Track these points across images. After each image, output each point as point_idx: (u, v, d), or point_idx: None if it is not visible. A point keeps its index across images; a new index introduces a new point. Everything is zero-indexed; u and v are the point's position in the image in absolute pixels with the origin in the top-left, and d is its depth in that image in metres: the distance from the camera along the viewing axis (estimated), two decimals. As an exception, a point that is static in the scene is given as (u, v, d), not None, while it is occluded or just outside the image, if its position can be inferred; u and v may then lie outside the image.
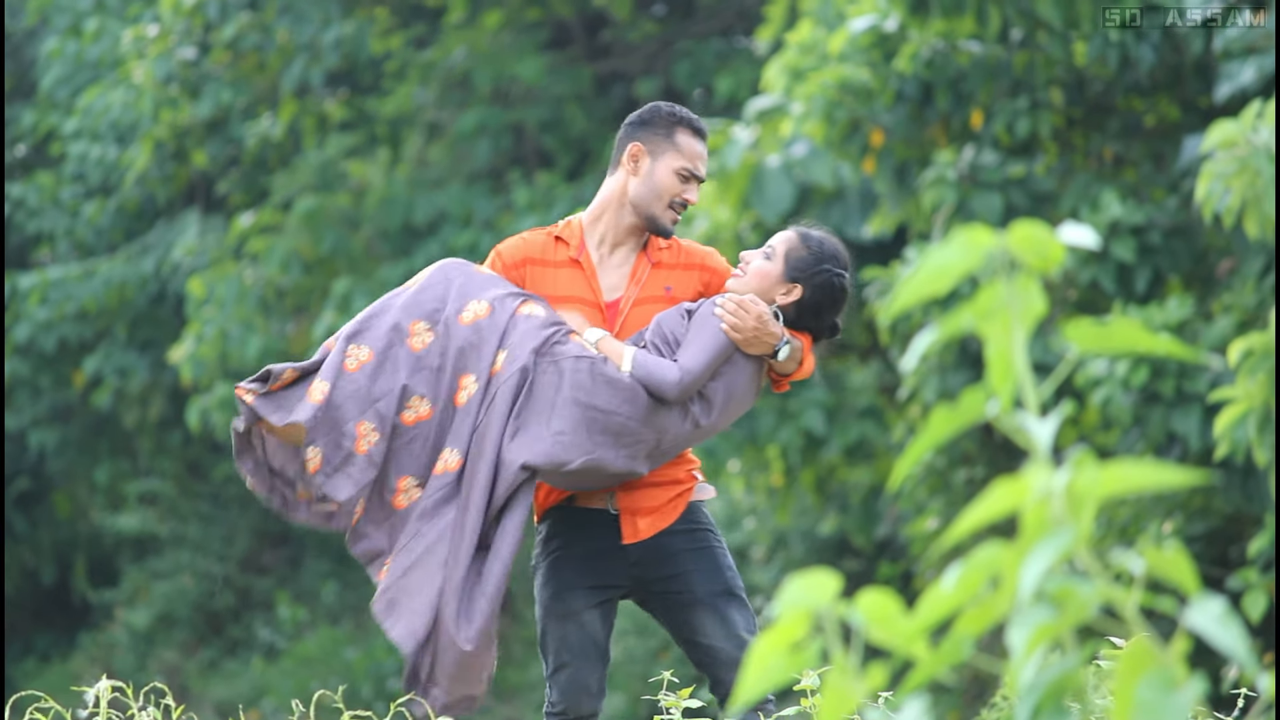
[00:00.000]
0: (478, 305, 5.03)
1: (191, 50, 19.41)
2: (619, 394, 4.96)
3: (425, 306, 5.05)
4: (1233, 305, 10.16)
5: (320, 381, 4.95)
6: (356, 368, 4.96)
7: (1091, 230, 2.66)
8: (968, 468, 12.29)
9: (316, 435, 4.91)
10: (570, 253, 5.21)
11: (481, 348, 4.99)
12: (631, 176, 5.20)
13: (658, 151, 5.18)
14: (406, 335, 5.00)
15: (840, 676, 2.16)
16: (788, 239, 5.14)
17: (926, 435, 2.16)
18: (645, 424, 4.98)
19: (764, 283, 5.09)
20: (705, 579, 5.15)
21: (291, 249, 18.91)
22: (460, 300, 5.04)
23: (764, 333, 5.02)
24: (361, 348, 4.98)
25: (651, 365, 4.98)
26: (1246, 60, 10.02)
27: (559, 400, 4.94)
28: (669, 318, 5.09)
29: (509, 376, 4.95)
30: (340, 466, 4.92)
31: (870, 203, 12.96)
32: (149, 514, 21.77)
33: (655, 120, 5.22)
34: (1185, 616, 2.02)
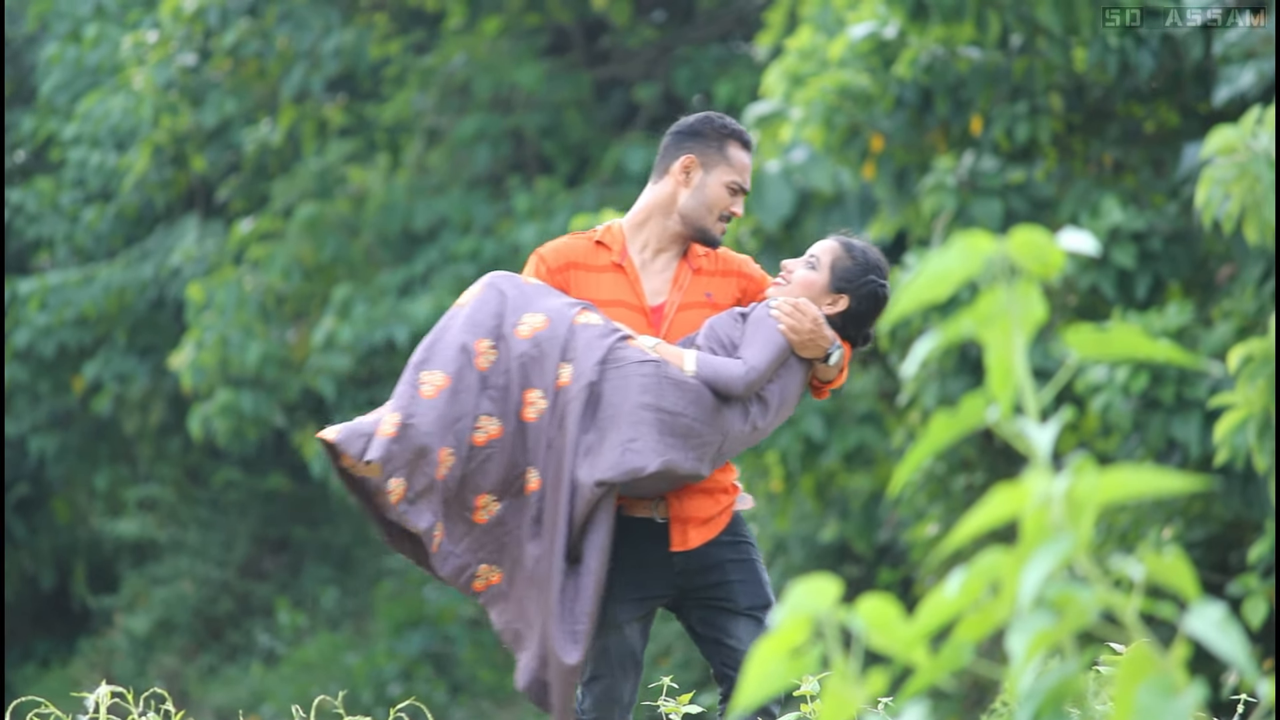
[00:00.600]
0: (534, 318, 5.02)
1: (191, 57, 19.42)
2: (686, 395, 4.97)
3: (485, 324, 5.03)
4: (1232, 311, 10.16)
5: (391, 414, 4.92)
6: (434, 393, 4.93)
7: (1091, 236, 2.66)
8: (968, 474, 12.29)
9: (395, 467, 4.89)
10: (613, 257, 5.23)
11: (543, 361, 4.99)
12: (682, 188, 5.22)
13: (710, 164, 5.22)
14: (474, 355, 4.99)
15: (840, 682, 2.17)
16: (832, 249, 5.20)
17: (926, 441, 2.17)
18: (711, 425, 5.00)
19: (809, 292, 5.13)
20: (748, 591, 5.18)
21: (291, 255, 18.92)
22: (516, 314, 5.03)
23: (819, 336, 5.07)
24: (434, 373, 4.96)
25: (716, 364, 5.01)
26: (1245, 64, 10.02)
27: (627, 407, 4.95)
28: (722, 322, 5.12)
29: (577, 392, 4.95)
30: (422, 494, 4.92)
31: (870, 208, 12.96)
32: (149, 520, 21.76)
33: (707, 132, 5.24)
34: (1185, 622, 2.02)
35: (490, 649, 19.28)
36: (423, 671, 18.95)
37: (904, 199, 11.61)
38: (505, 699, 18.63)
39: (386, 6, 20.11)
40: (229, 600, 21.44)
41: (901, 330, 11.39)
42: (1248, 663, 2.00)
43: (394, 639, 19.32)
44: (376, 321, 18.14)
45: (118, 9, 21.15)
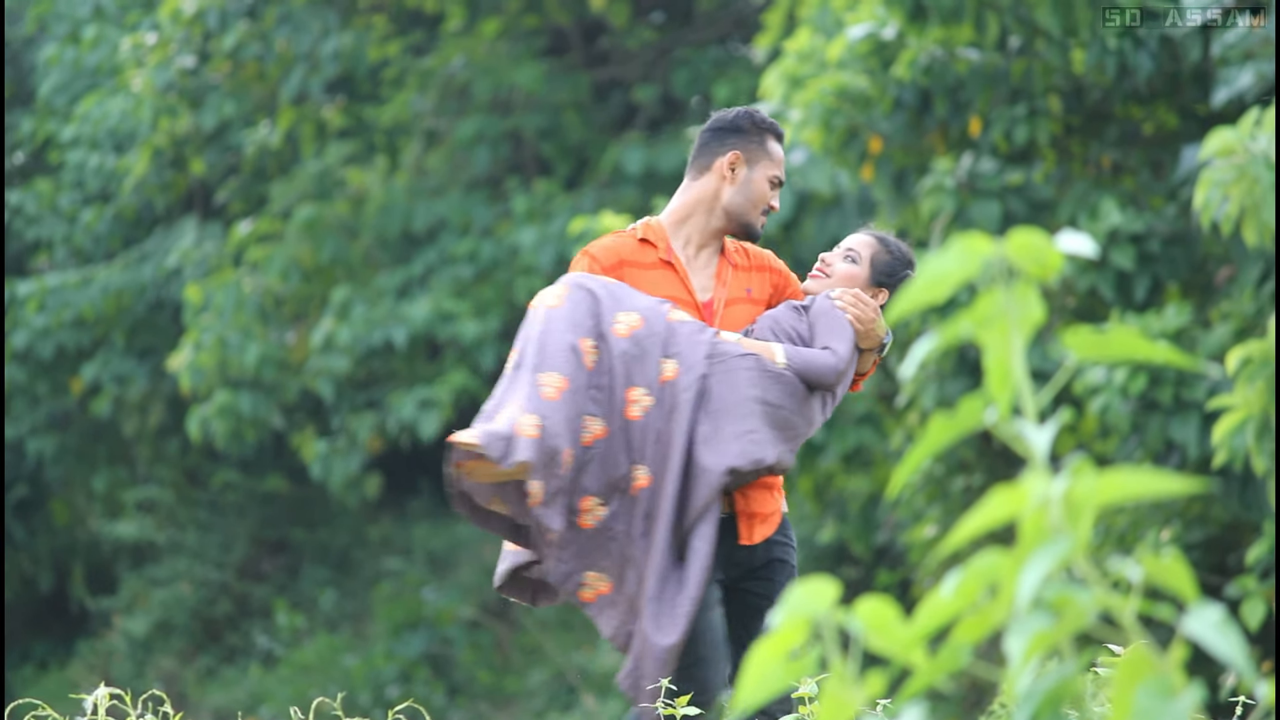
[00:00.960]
0: (628, 316, 5.03)
1: (191, 59, 19.42)
2: (784, 388, 5.03)
3: (585, 323, 5.01)
4: (1231, 313, 10.16)
5: (526, 415, 4.88)
6: (556, 395, 4.91)
7: (1089, 238, 2.65)
8: (966, 475, 12.29)
9: (537, 469, 4.88)
10: (660, 254, 5.26)
11: (645, 359, 4.99)
12: (728, 185, 5.27)
13: (754, 160, 5.27)
14: (582, 355, 4.98)
15: (839, 684, 2.16)
16: (870, 244, 5.29)
17: (925, 443, 2.16)
18: (804, 417, 5.07)
19: (852, 286, 5.22)
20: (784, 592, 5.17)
21: (290, 257, 18.91)
22: (610, 313, 5.03)
23: (879, 325, 5.16)
24: (551, 374, 4.92)
25: (805, 355, 5.07)
26: (1244, 66, 10.02)
27: (739, 399, 4.99)
28: (784, 315, 5.18)
29: (688, 385, 4.97)
30: (554, 496, 4.91)
31: (868, 210, 12.96)
32: (147, 521, 21.75)
33: (748, 128, 5.30)
34: (1183, 624, 2.02)
35: (488, 651, 19.28)
36: (421, 673, 18.94)
37: (902, 200, 11.61)
38: (503, 701, 18.63)
39: (385, 8, 20.11)
40: (227, 602, 21.43)
41: (900, 332, 11.39)
42: (1246, 664, 2.00)
43: (392, 641, 19.31)
44: (375, 323, 18.14)
45: (117, 11, 21.15)
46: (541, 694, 18.10)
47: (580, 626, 18.36)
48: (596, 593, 5.01)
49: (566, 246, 17.31)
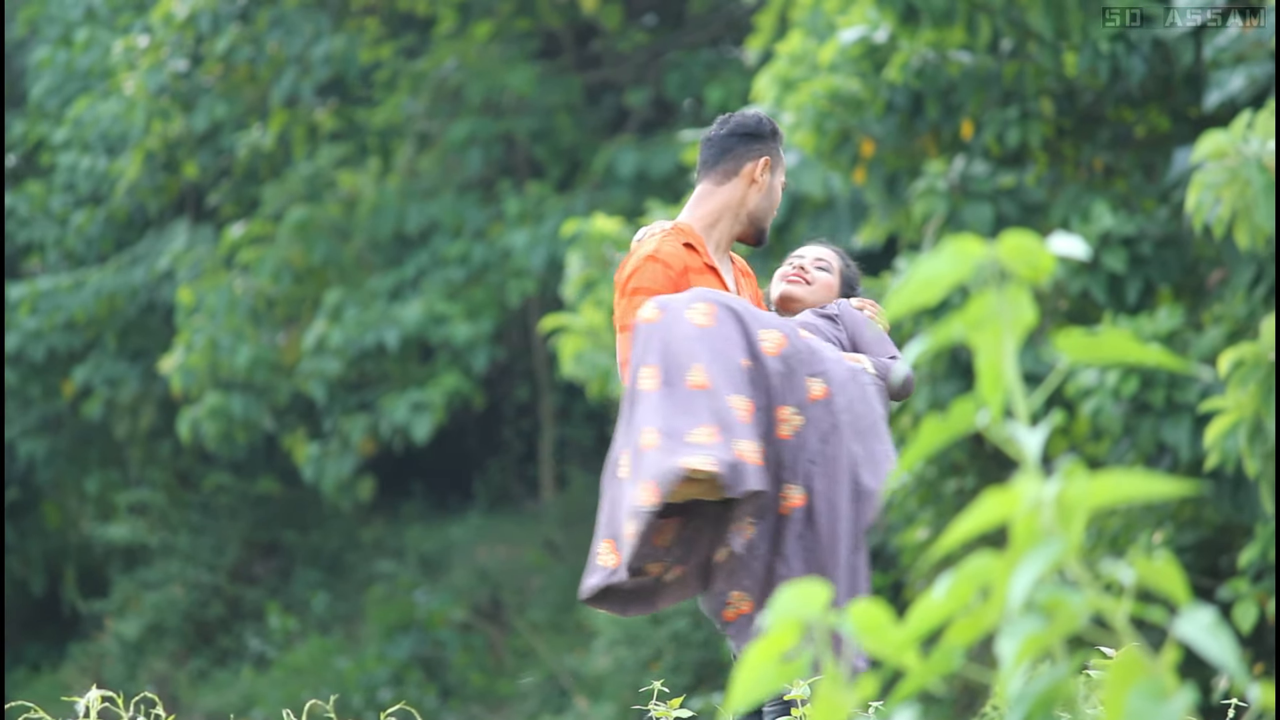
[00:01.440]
0: (771, 334, 4.96)
1: (183, 62, 19.41)
2: (885, 400, 5.08)
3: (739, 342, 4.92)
4: (1223, 316, 10.17)
5: (747, 442, 4.80)
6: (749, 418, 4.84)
7: (1082, 240, 2.66)
8: (958, 478, 12.29)
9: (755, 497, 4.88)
10: (704, 259, 5.24)
11: (792, 377, 4.94)
12: (754, 190, 5.25)
13: (777, 166, 5.28)
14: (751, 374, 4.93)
15: (831, 686, 2.16)
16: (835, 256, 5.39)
17: (917, 445, 2.16)
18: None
19: (830, 294, 5.32)
20: None
21: (282, 259, 18.91)
22: (754, 332, 4.97)
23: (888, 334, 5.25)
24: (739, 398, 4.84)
25: (884, 366, 5.12)
26: (1236, 69, 10.03)
27: (876, 417, 5.00)
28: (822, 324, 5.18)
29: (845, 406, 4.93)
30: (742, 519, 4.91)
31: (860, 213, 12.96)
32: (139, 524, 21.73)
33: (770, 134, 5.28)
34: (1175, 627, 2.02)
35: (481, 653, 19.28)
36: (413, 676, 18.94)
37: (895, 203, 11.61)
38: (496, 703, 18.63)
39: (377, 11, 20.11)
40: (219, 604, 21.41)
41: (893, 335, 11.38)
42: (1238, 667, 2.00)
43: (385, 643, 19.30)
44: (367, 325, 18.14)
45: (108, 13, 21.13)
46: (534, 696, 18.10)
47: (572, 629, 18.36)
48: (739, 612, 4.97)
49: (558, 248, 17.30)
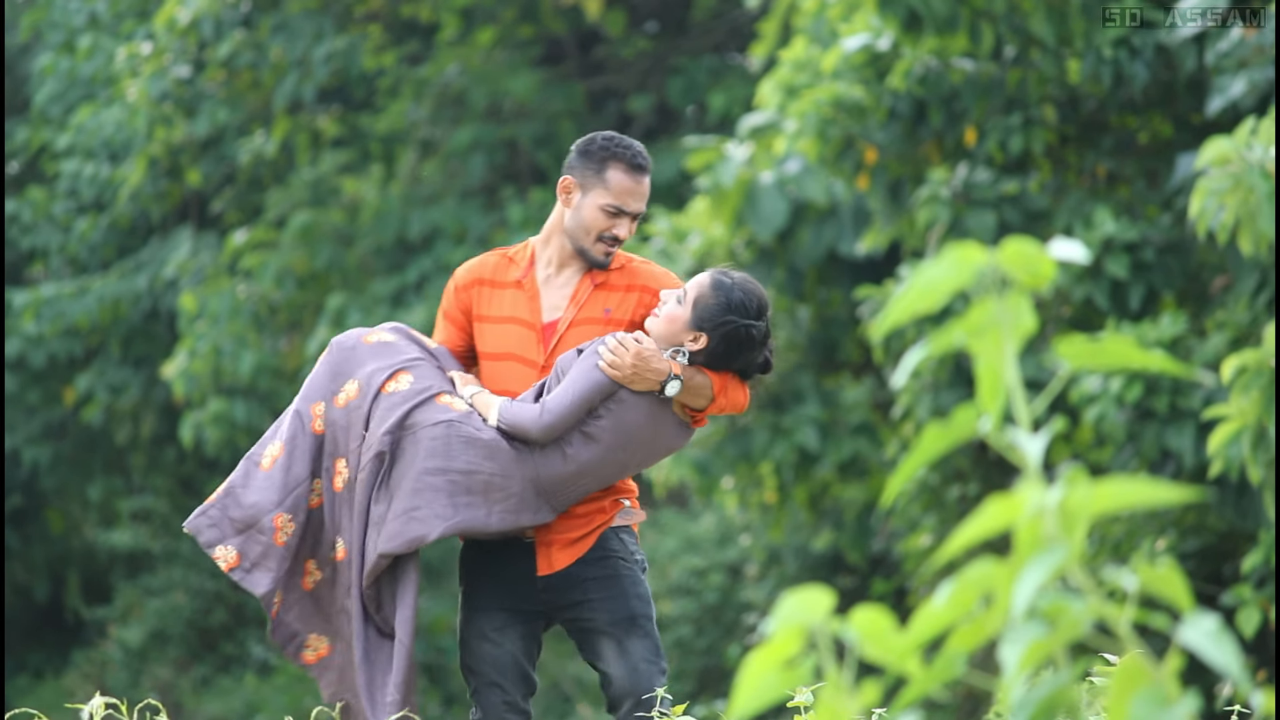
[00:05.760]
0: (350, 385, 5.07)
1: (186, 68, 19.41)
2: (478, 451, 4.98)
3: (322, 386, 5.10)
4: (1226, 322, 10.16)
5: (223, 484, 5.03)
6: (270, 465, 5.00)
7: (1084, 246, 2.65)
8: (961, 484, 12.29)
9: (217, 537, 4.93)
10: (517, 274, 5.25)
11: (349, 430, 5.03)
12: (565, 208, 5.23)
13: (587, 186, 5.20)
14: (309, 420, 5.04)
15: (834, 693, 2.16)
16: (700, 285, 5.13)
17: (919, 452, 2.16)
18: (511, 476, 5.00)
19: (672, 327, 5.10)
20: (609, 608, 5.18)
21: (285, 265, 18.92)
22: (339, 380, 5.09)
23: (645, 369, 5.02)
24: (275, 444, 5.04)
25: (515, 410, 5.02)
26: (1238, 74, 10.02)
27: (413, 473, 4.96)
28: (565, 358, 5.11)
29: (365, 463, 4.98)
30: (258, 562, 4.95)
31: (864, 220, 12.96)
32: (142, 531, 21.74)
33: (590, 152, 5.23)
34: (1179, 633, 2.02)
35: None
36: (416, 682, 18.93)
37: (898, 210, 11.61)
38: None
39: (380, 18, 20.12)
40: (223, 611, 21.41)
41: (895, 342, 11.39)
42: (1241, 674, 2.00)
43: (388, 650, 19.28)
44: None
45: (112, 20, 21.14)
46: (537, 703, 18.10)
47: (576, 636, 18.36)
48: (318, 654, 5.07)
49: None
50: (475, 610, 5.20)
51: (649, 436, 5.10)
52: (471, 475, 4.96)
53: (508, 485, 4.99)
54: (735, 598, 17.39)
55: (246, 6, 19.29)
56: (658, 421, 5.10)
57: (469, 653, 5.23)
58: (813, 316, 13.73)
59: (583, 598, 5.18)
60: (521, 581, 5.19)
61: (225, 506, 4.95)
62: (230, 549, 4.93)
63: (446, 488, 4.95)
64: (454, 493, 4.95)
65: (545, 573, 5.17)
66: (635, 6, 20.53)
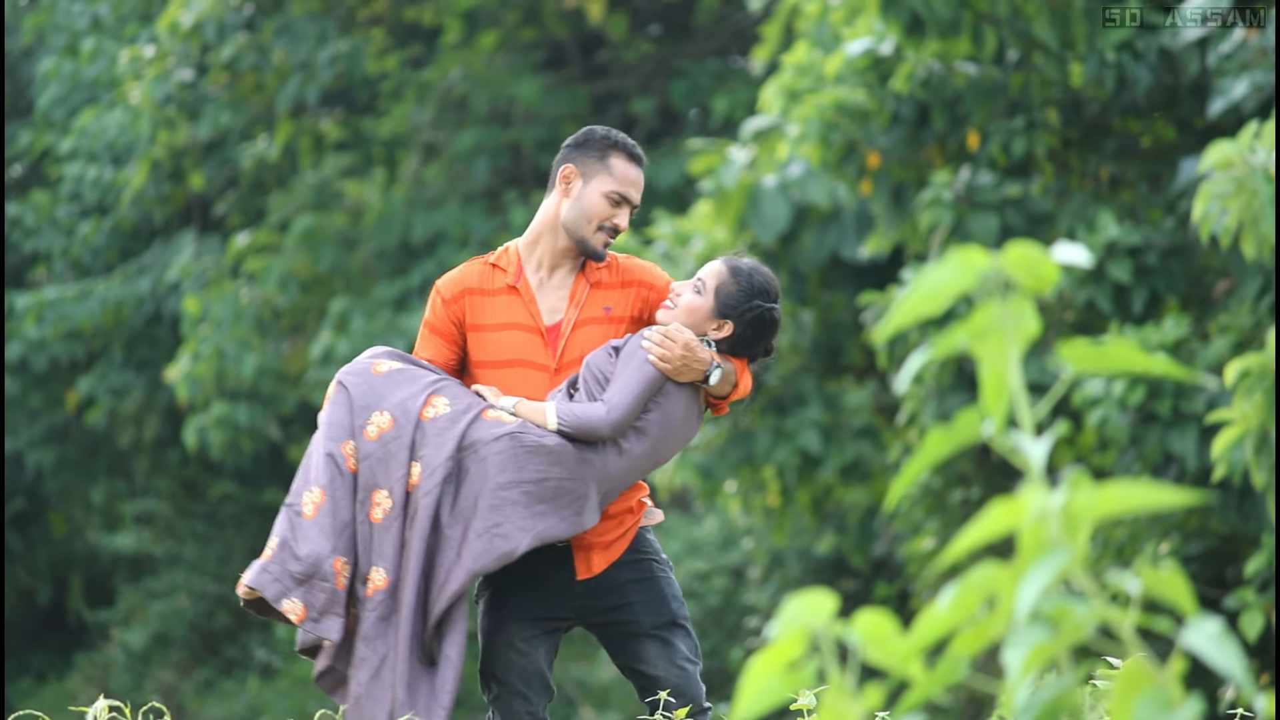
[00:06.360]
0: (380, 417, 5.02)
1: (189, 71, 19.43)
2: (545, 458, 4.97)
3: (344, 424, 5.04)
4: (1229, 326, 10.16)
5: (272, 538, 4.98)
6: (314, 512, 4.95)
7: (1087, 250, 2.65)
8: (964, 488, 12.29)
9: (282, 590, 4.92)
10: (507, 279, 5.21)
11: (389, 462, 4.98)
12: (564, 198, 5.20)
13: (589, 174, 5.19)
14: (343, 460, 4.99)
15: (837, 696, 2.16)
16: (717, 273, 5.16)
17: (922, 455, 2.16)
18: (579, 478, 5.00)
19: (694, 317, 5.12)
20: (651, 610, 5.17)
21: (288, 268, 18.93)
22: (364, 414, 5.03)
23: (692, 360, 5.04)
24: (313, 490, 4.98)
25: (577, 411, 5.01)
26: (1240, 76, 10.02)
27: (487, 491, 4.94)
28: (597, 358, 5.10)
29: (428, 490, 4.95)
30: (325, 609, 4.92)
31: (866, 223, 12.96)
32: (145, 534, 21.75)
33: (590, 143, 5.22)
34: (1182, 636, 2.02)
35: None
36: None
37: (901, 214, 11.61)
38: None
39: (383, 21, 20.13)
40: (225, 614, 21.41)
41: (899, 346, 11.38)
42: (1245, 677, 2.00)
43: (390, 653, 19.27)
44: (374, 335, 18.14)
45: (115, 23, 21.16)
46: (539, 706, 18.05)
47: (579, 639, 18.35)
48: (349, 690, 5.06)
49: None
50: (505, 618, 5.15)
51: (683, 427, 5.14)
52: (543, 483, 4.96)
53: (576, 488, 4.99)
54: (738, 601, 17.39)
55: (249, 9, 19.30)
56: (690, 412, 5.14)
57: (495, 661, 5.19)
58: (816, 320, 13.73)
59: (622, 600, 5.17)
60: (557, 588, 5.15)
61: (283, 560, 4.90)
62: (296, 601, 4.90)
63: (523, 499, 4.94)
64: (530, 503, 4.95)
65: (585, 577, 5.15)
66: (638, 10, 20.54)
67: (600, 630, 5.23)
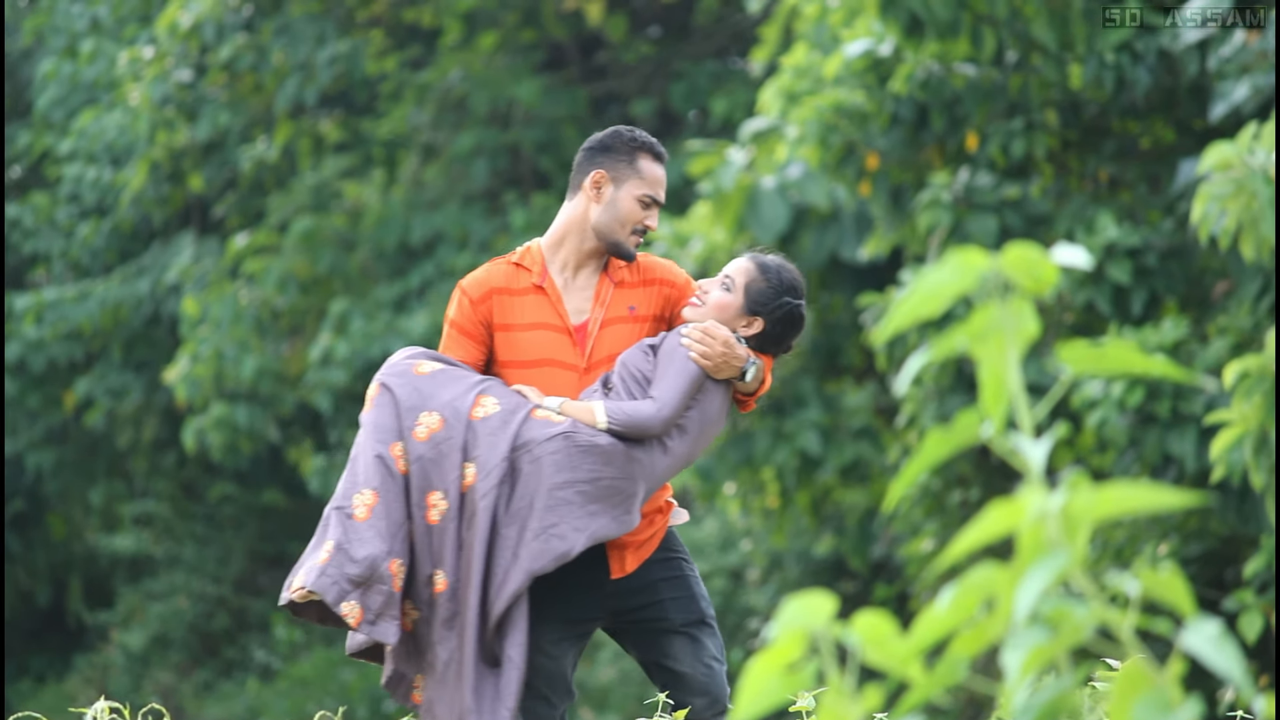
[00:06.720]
0: (429, 418, 4.99)
1: (188, 72, 19.42)
2: (597, 458, 4.97)
3: (391, 427, 5.00)
4: (1228, 327, 10.16)
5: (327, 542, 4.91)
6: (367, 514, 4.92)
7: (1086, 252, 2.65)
8: (963, 489, 12.29)
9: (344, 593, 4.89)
10: (533, 279, 5.20)
11: (442, 463, 4.96)
12: (594, 203, 5.19)
13: (621, 178, 5.19)
14: (392, 462, 4.96)
15: (836, 698, 2.16)
16: (746, 270, 5.18)
17: (922, 457, 2.16)
18: (629, 476, 5.00)
19: (724, 315, 5.13)
20: (681, 608, 5.18)
21: (287, 269, 18.92)
22: (412, 415, 5.00)
23: (732, 357, 5.06)
24: (363, 493, 4.94)
25: (628, 410, 5.00)
26: (1240, 80, 10.03)
27: (543, 491, 4.94)
28: (633, 357, 5.11)
29: (485, 491, 4.93)
30: (382, 612, 4.90)
31: (865, 225, 12.96)
32: (144, 535, 21.75)
33: (617, 146, 5.22)
34: (1181, 638, 2.02)
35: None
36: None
37: (900, 216, 11.61)
38: None
39: (382, 22, 20.13)
40: (225, 615, 21.42)
41: (898, 348, 11.38)
42: (1244, 678, 2.00)
43: (390, 655, 19.26)
44: (373, 336, 18.15)
45: (114, 25, 21.16)
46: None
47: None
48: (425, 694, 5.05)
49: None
50: (534, 621, 5.11)
51: (716, 424, 5.17)
52: (596, 483, 4.96)
53: (626, 487, 4.99)
54: (737, 603, 17.39)
55: (248, 10, 19.30)
56: (722, 409, 5.17)
57: None
58: (815, 321, 13.73)
59: (654, 599, 5.17)
60: (589, 588, 5.14)
61: (340, 564, 4.88)
62: (354, 604, 4.88)
63: (578, 499, 4.94)
64: (584, 503, 4.95)
65: (618, 576, 5.14)
66: (637, 11, 20.54)
67: (627, 628, 5.22)
